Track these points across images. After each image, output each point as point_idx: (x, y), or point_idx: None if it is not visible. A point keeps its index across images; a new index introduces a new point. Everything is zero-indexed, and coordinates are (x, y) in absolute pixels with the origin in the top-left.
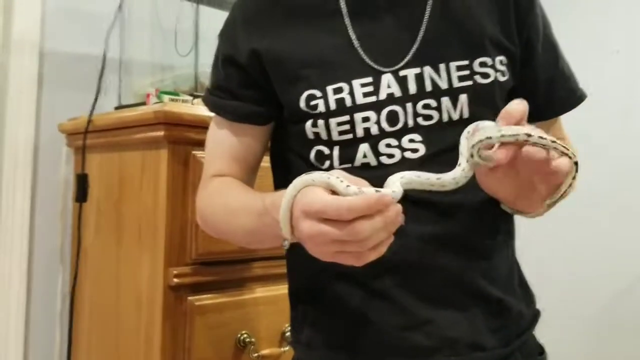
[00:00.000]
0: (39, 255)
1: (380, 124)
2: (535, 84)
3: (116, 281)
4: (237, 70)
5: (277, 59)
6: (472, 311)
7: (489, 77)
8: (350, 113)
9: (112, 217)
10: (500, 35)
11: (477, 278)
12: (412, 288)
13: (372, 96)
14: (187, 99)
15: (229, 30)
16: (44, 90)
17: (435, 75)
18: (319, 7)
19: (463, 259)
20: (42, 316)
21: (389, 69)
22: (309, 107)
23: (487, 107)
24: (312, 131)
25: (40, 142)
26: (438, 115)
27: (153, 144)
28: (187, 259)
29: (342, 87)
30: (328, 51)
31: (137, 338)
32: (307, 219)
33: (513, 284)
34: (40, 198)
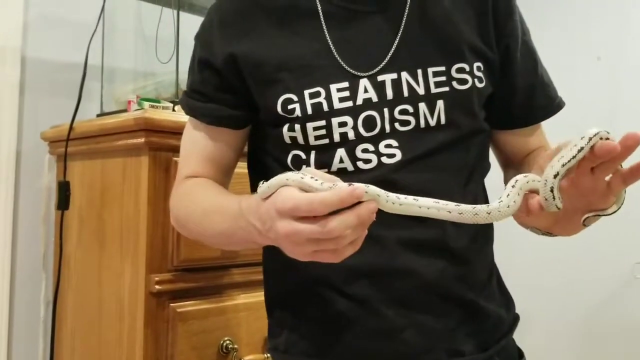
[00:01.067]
0: (22, 263)
1: (357, 129)
2: (514, 91)
3: (98, 288)
4: (213, 74)
5: (254, 62)
6: (449, 317)
7: (467, 83)
8: (327, 118)
9: (94, 224)
10: (478, 42)
11: (454, 283)
12: (388, 294)
13: (349, 101)
14: (168, 105)
15: (205, 33)
16: (26, 97)
17: (412, 80)
18: (296, 10)
19: (440, 264)
20: (25, 323)
21: (366, 74)
22: (286, 111)
23: (464, 113)
24: (288, 135)
25: (22, 149)
26: (415, 120)
27: (134, 151)
28: (168, 265)
29: (319, 92)
30: (305, 55)
31: (119, 345)
32: (282, 219)
33: (491, 289)
34: (23, 205)
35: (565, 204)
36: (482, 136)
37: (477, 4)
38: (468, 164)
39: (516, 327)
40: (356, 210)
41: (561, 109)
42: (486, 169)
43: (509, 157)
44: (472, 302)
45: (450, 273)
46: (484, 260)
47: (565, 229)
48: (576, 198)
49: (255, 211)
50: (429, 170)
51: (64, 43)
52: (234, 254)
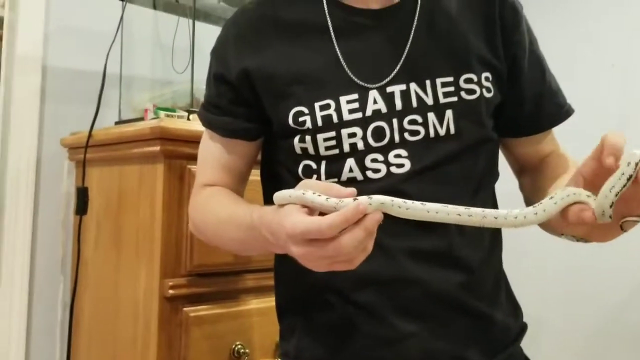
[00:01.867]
0: (41, 266)
1: (367, 139)
2: (522, 100)
3: (114, 291)
4: (227, 88)
5: (267, 76)
6: (455, 324)
7: (475, 93)
8: (337, 129)
9: (111, 229)
10: (486, 52)
11: (461, 292)
12: (394, 302)
13: (358, 112)
14: (183, 114)
15: (220, 48)
16: (46, 105)
17: (421, 91)
18: (307, 25)
19: (446, 273)
20: (43, 325)
21: (375, 85)
22: (297, 123)
23: (473, 122)
24: (299, 146)
25: (42, 156)
26: (424, 130)
27: (150, 159)
28: (182, 270)
29: (329, 104)
30: (316, 68)
31: (133, 347)
32: (294, 243)
33: (499, 297)
34: (43, 210)
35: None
36: (491, 145)
37: (484, 14)
38: (477, 173)
39: (524, 336)
40: (363, 224)
41: (570, 115)
42: (495, 177)
43: (522, 164)
44: (478, 311)
45: (456, 282)
46: (491, 268)
47: (605, 235)
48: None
49: (268, 226)
50: (438, 180)
51: (83, 52)
52: (247, 260)
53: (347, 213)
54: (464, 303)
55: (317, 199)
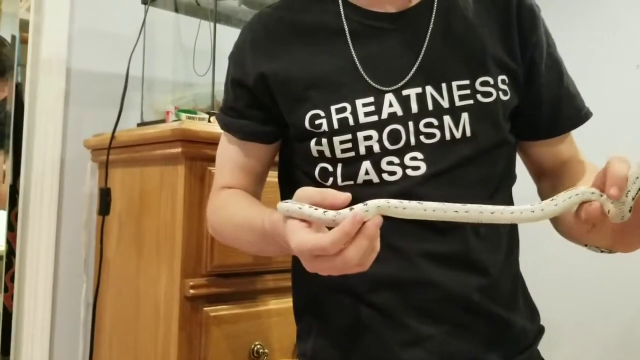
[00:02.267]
0: (64, 266)
1: (383, 142)
2: (540, 103)
3: (136, 291)
4: (245, 92)
5: (283, 81)
6: (472, 327)
7: (491, 96)
8: (353, 132)
9: (133, 229)
10: (502, 54)
11: (477, 295)
12: (411, 304)
13: (374, 115)
14: (204, 117)
15: (238, 53)
16: (70, 107)
17: (437, 94)
18: (324, 29)
19: (463, 276)
20: (66, 324)
21: (391, 89)
22: (313, 126)
23: (489, 125)
24: (316, 149)
25: (66, 157)
26: (440, 133)
27: (171, 160)
28: (202, 270)
29: (345, 107)
30: (331, 72)
31: (154, 346)
32: (303, 259)
33: (516, 300)
34: (66, 211)
35: (633, 218)
36: (508, 148)
37: (501, 16)
38: (494, 176)
39: (541, 339)
40: (363, 233)
41: (588, 119)
42: (512, 180)
43: (541, 168)
44: (495, 314)
45: (473, 285)
46: (507, 271)
47: (631, 243)
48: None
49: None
50: (454, 183)
51: (107, 55)
52: (267, 261)
53: (346, 227)
54: (481, 306)
55: (315, 213)
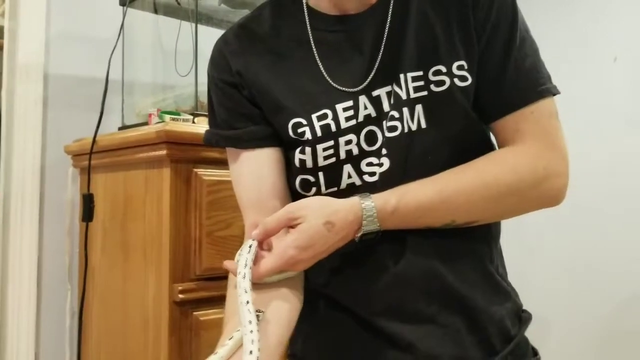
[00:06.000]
0: (48, 274)
1: (361, 145)
2: (483, 83)
3: (123, 297)
4: (237, 92)
5: (262, 90)
6: (454, 326)
7: (444, 85)
8: (335, 138)
9: (118, 235)
10: (458, 39)
11: (455, 288)
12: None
13: (353, 120)
14: (188, 118)
15: (218, 59)
16: (49, 112)
17: (397, 87)
18: (292, 40)
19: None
20: (51, 333)
21: (359, 89)
22: (297, 134)
23: (447, 114)
24: (299, 158)
25: (46, 163)
26: (401, 125)
27: (156, 163)
28: (191, 274)
29: (326, 114)
30: (305, 82)
31: (144, 353)
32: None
33: (496, 290)
34: (48, 218)
35: None
36: (480, 132)
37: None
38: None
39: (527, 326)
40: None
41: (546, 96)
42: None
43: None
44: (475, 307)
45: (449, 278)
46: (483, 262)
47: None
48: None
49: None
50: (424, 173)
51: (85, 59)
52: None
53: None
54: (462, 300)
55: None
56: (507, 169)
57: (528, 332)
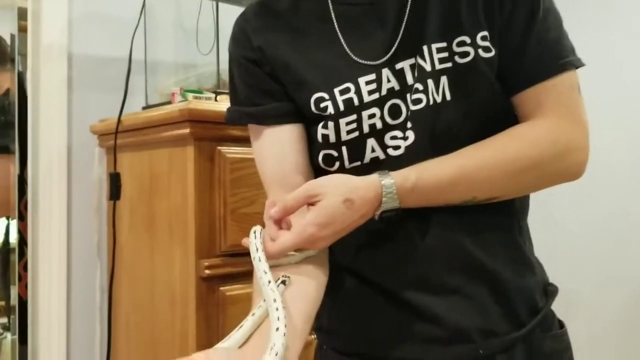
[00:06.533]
0: (77, 252)
1: (384, 119)
2: (506, 55)
3: (151, 274)
4: (259, 70)
5: (283, 65)
6: (481, 298)
7: (468, 56)
8: (358, 112)
9: (144, 213)
10: (482, 10)
11: (482, 260)
12: (413, 278)
13: (376, 93)
14: (210, 96)
15: (239, 36)
16: (74, 93)
17: (421, 59)
18: (313, 14)
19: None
20: (82, 310)
21: (382, 61)
22: (319, 109)
23: (471, 86)
24: (321, 133)
25: (73, 144)
26: (425, 98)
27: (180, 142)
28: (216, 250)
29: (348, 87)
30: (327, 56)
31: (172, 328)
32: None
33: (523, 263)
34: (76, 197)
35: None
36: (506, 107)
37: None
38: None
39: (554, 299)
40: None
41: (568, 69)
42: None
43: None
44: (500, 278)
45: (470, 246)
46: (512, 234)
47: None
48: None
49: None
50: (450, 147)
51: (107, 39)
52: None
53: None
54: (489, 272)
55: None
56: (528, 144)
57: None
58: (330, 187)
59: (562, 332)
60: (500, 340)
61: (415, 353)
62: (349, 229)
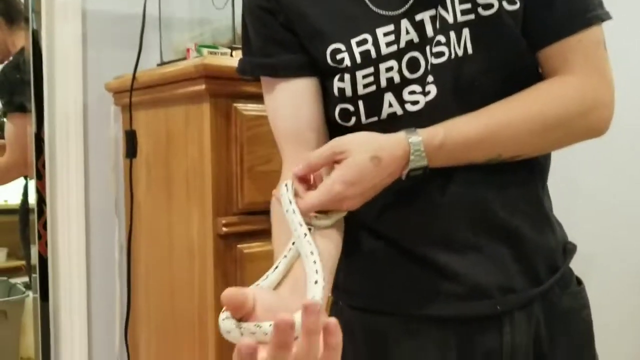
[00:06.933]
0: (95, 210)
1: (402, 72)
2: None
3: (168, 231)
4: (274, 19)
5: (299, 15)
6: (500, 255)
7: (492, 8)
8: (375, 64)
9: (161, 171)
10: None
11: (503, 217)
12: (431, 234)
13: (394, 45)
14: (226, 51)
15: None
16: (88, 51)
17: (444, 10)
18: None
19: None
20: (101, 267)
21: (403, 14)
22: (335, 61)
23: (494, 39)
24: (337, 86)
25: (88, 101)
26: (448, 51)
27: (195, 98)
28: (234, 208)
29: (366, 39)
30: (344, 6)
31: (191, 285)
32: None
33: (544, 221)
34: (93, 156)
35: None
36: (530, 62)
37: None
38: (519, 88)
39: (572, 257)
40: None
41: (594, 23)
42: None
43: None
44: (520, 235)
45: (490, 200)
46: (532, 192)
47: None
48: None
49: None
50: (472, 103)
51: None
52: None
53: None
54: (508, 228)
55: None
56: (555, 101)
57: (572, 266)
58: (357, 144)
59: (580, 289)
60: (518, 296)
61: (433, 309)
62: (376, 189)
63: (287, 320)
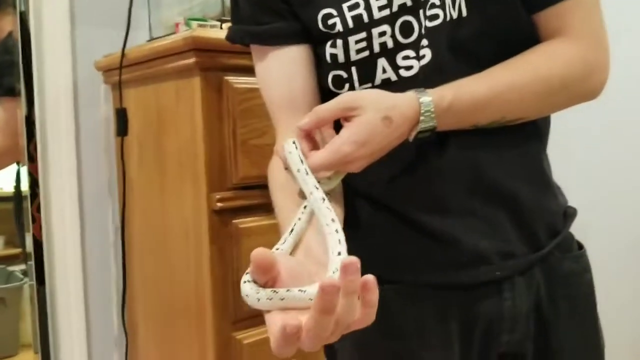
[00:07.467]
0: (88, 191)
1: (396, 37)
2: None
3: (162, 209)
4: None
5: None
6: (498, 220)
7: None
8: (368, 29)
9: (153, 148)
10: None
11: (501, 181)
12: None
13: (387, 9)
14: (215, 24)
15: None
16: (77, 29)
17: None
18: None
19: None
20: (96, 248)
21: None
22: (327, 26)
23: (486, 1)
24: (329, 53)
25: (78, 81)
26: (442, 13)
27: (185, 73)
28: (228, 183)
29: (357, 3)
30: None
31: (186, 262)
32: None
33: (544, 185)
34: (84, 136)
35: None
36: (526, 25)
37: None
38: (516, 51)
39: (573, 221)
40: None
41: None
42: None
43: None
44: (519, 200)
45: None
46: (531, 155)
47: None
48: None
49: None
50: (467, 64)
51: None
52: None
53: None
54: (507, 192)
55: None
56: (560, 63)
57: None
58: (370, 101)
59: (581, 254)
60: (518, 261)
61: (433, 276)
62: (384, 151)
63: (334, 284)
